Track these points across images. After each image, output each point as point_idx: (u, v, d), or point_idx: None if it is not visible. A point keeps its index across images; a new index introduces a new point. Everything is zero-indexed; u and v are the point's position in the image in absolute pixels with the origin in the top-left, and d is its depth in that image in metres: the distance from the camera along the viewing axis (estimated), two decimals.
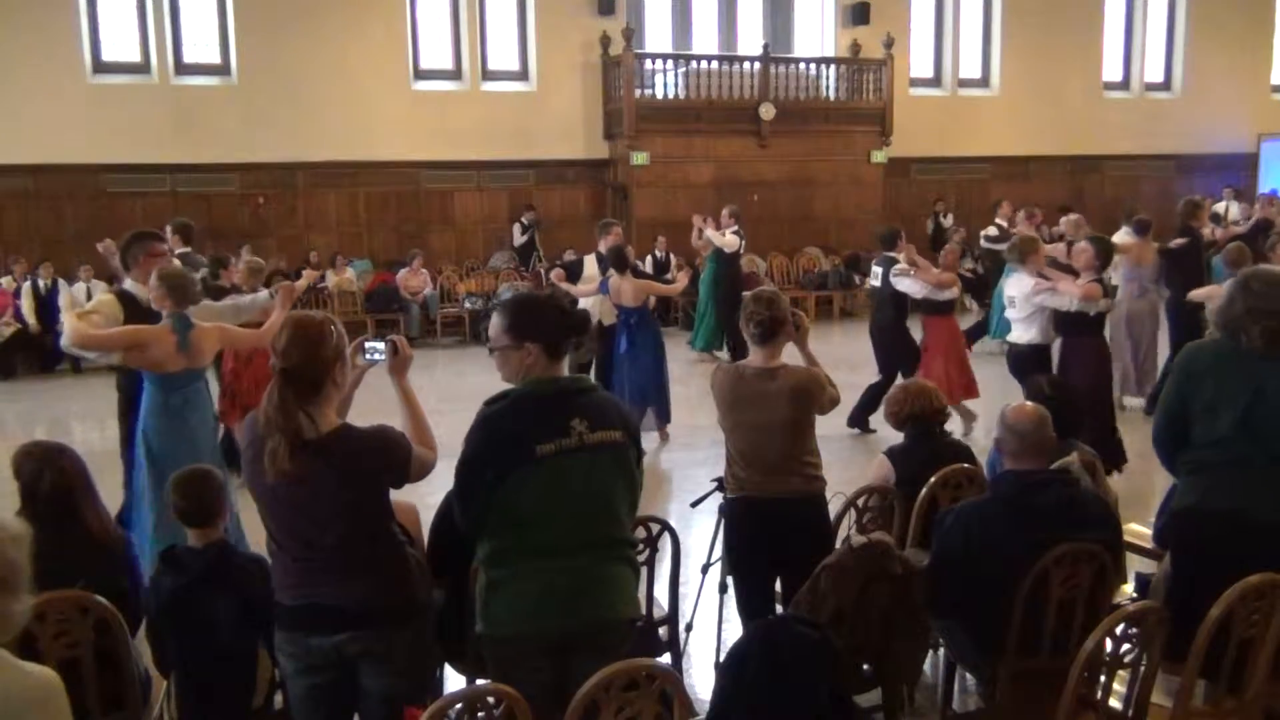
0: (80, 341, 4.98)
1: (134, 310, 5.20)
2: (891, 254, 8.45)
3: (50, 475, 3.37)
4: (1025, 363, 6.53)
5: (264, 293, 6.19)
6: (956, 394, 7.88)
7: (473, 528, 2.89)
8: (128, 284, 5.44)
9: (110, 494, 5.41)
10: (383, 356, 3.00)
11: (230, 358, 7.05)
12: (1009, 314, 6.75)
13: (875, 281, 8.67)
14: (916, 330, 8.43)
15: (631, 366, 8.20)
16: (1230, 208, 15.25)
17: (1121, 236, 8.93)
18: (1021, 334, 6.68)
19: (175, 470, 4.74)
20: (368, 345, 3.02)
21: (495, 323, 2.94)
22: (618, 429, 2.92)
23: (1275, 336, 3.31)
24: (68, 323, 5.03)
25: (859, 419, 8.36)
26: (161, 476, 4.70)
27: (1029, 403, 3.56)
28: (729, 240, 11.78)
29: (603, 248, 8.34)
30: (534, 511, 2.81)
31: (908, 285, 8.14)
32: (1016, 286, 6.64)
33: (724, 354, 11.61)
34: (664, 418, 8.37)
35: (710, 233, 11.72)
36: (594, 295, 8.16)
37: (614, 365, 8.28)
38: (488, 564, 2.88)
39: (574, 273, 8.27)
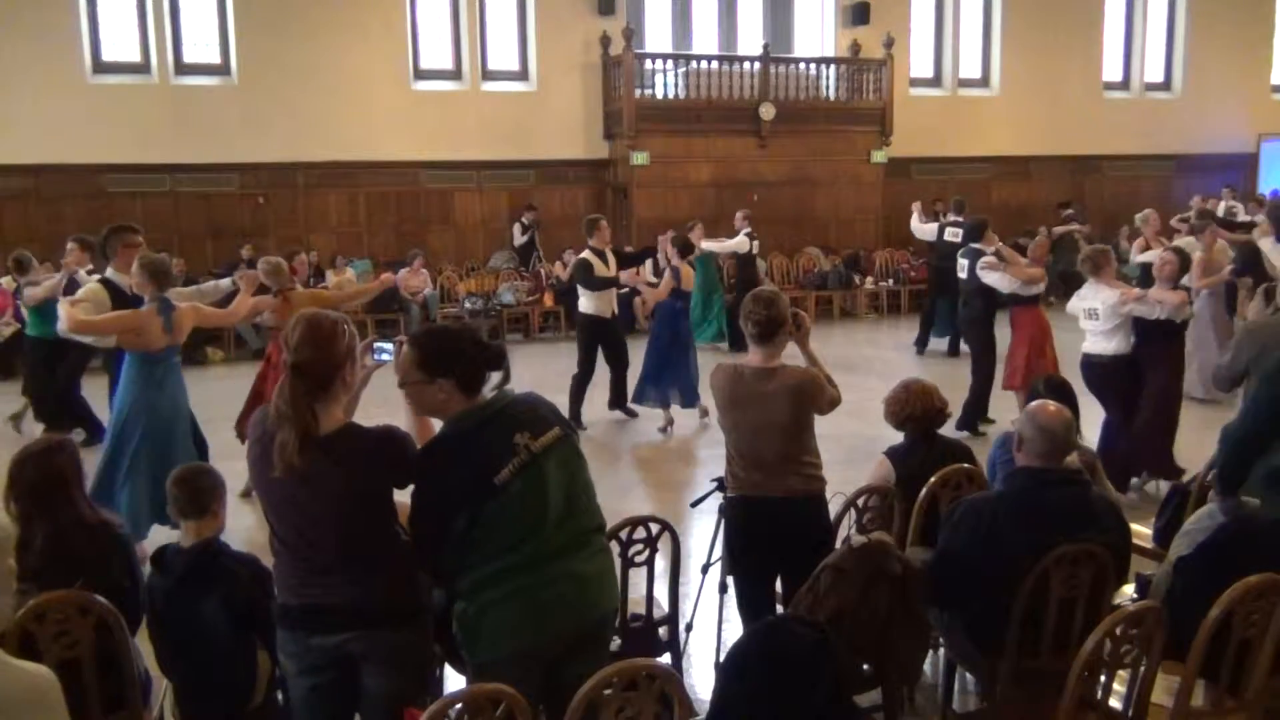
0: (76, 327, 5.49)
1: (117, 295, 5.74)
2: (978, 246, 8.42)
3: (32, 466, 3.36)
4: (1111, 374, 6.40)
5: (226, 280, 7.01)
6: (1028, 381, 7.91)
7: (449, 570, 2.80)
8: (109, 273, 5.94)
9: None
10: (391, 357, 3.01)
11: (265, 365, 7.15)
12: (1088, 325, 6.54)
13: (962, 275, 8.61)
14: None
15: (688, 346, 8.74)
16: (1229, 209, 15.23)
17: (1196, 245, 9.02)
18: (1105, 345, 6.47)
19: (163, 430, 5.44)
20: (376, 346, 3.03)
21: (405, 356, 2.84)
22: (554, 424, 2.88)
23: None
24: (62, 310, 5.55)
25: (969, 421, 8.15)
26: (152, 441, 5.43)
27: (1051, 403, 3.54)
28: (739, 242, 12.26)
29: (595, 244, 8.50)
30: (510, 536, 2.77)
31: (995, 279, 8.03)
32: (1098, 297, 6.44)
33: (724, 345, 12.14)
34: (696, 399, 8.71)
35: (708, 243, 12.07)
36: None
37: (660, 348, 8.74)
38: (470, 593, 2.80)
39: (590, 278, 8.51)
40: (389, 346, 3.02)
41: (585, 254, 8.55)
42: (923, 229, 12.50)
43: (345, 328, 2.80)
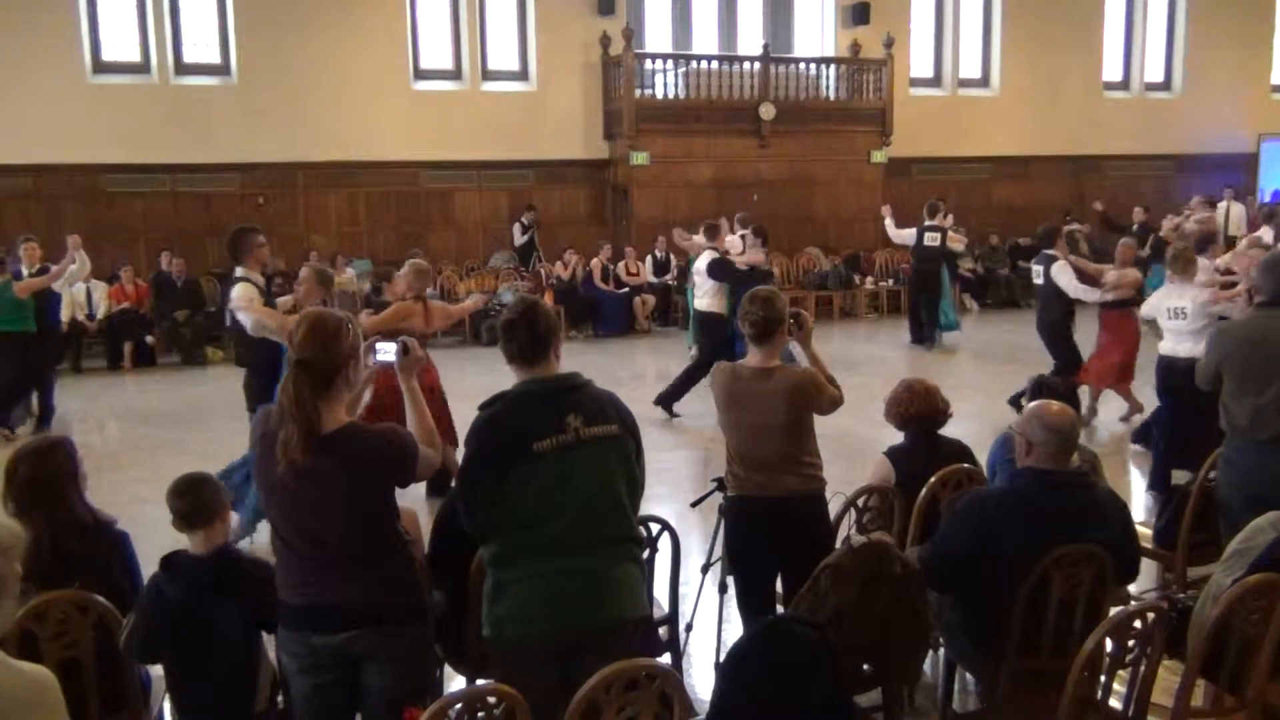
0: (280, 324, 5.76)
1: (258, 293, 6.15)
2: (1050, 251, 8.55)
3: (28, 465, 3.34)
4: (1192, 377, 6.25)
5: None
6: (1119, 380, 8.19)
7: (479, 529, 2.92)
8: (241, 272, 6.17)
9: (113, 492, 5.45)
10: (393, 358, 3.02)
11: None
12: (1172, 324, 6.37)
13: (1038, 280, 8.77)
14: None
15: None
16: (1231, 209, 15.20)
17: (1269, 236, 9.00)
18: (1191, 346, 6.23)
19: None
20: (379, 346, 3.06)
21: None
22: (614, 423, 2.95)
23: None
24: (256, 314, 5.83)
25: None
26: None
27: (1053, 403, 3.53)
28: (732, 241, 12.16)
29: (717, 244, 9.35)
30: (536, 510, 2.83)
31: (1083, 292, 8.18)
32: (1187, 295, 6.30)
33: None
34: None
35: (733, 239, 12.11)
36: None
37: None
38: (493, 565, 2.90)
39: (730, 271, 9.06)
40: (392, 347, 3.03)
41: (714, 255, 9.18)
42: (900, 234, 12.55)
43: (349, 327, 2.82)
